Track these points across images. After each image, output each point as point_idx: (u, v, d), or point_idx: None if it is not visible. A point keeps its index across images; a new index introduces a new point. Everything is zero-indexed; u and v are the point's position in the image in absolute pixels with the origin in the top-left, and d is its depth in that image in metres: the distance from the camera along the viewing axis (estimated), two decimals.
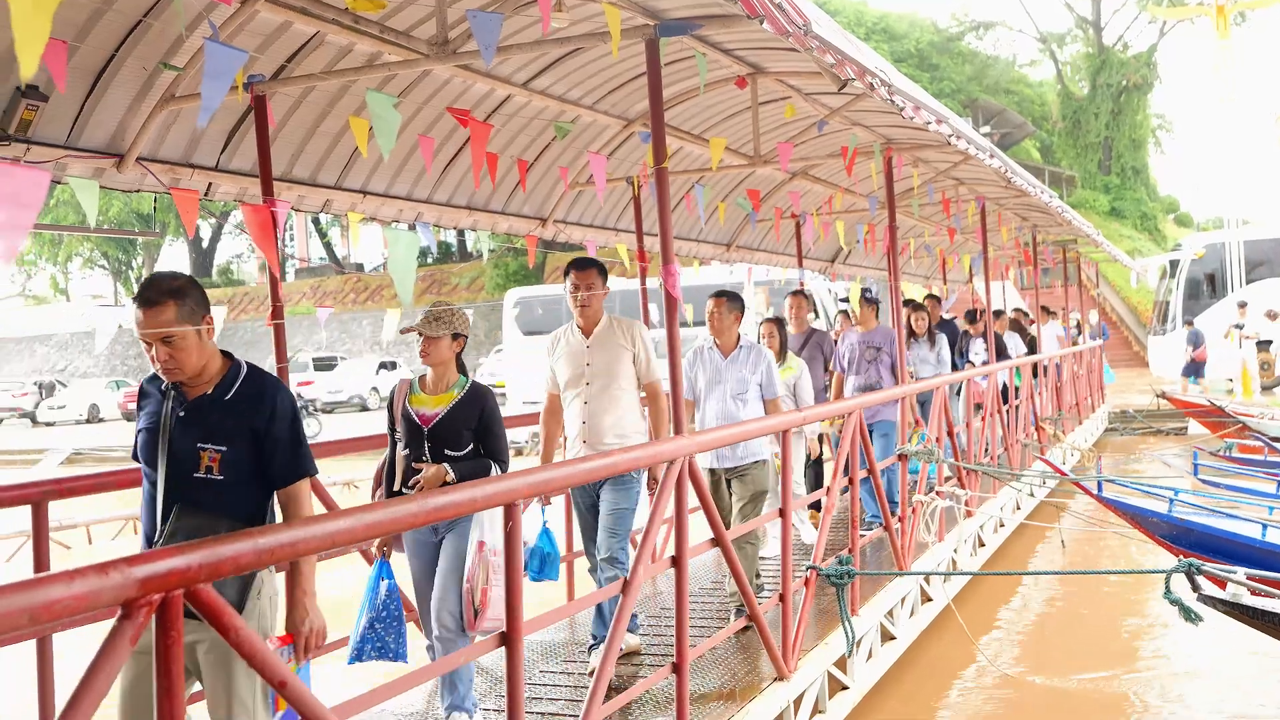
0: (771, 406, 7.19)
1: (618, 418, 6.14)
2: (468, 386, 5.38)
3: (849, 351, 9.79)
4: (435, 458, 5.27)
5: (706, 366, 7.28)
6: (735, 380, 7.15)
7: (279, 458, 3.70)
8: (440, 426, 5.30)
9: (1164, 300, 34.00)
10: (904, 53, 53.40)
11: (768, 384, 7.19)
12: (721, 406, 7.15)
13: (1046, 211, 14.04)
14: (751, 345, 7.29)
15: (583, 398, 6.17)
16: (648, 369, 6.23)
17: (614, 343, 6.18)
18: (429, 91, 7.09)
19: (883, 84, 5.81)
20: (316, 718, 2.92)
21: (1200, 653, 8.51)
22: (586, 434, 6.14)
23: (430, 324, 5.31)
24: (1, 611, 2.09)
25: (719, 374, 7.20)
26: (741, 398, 7.12)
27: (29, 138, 5.27)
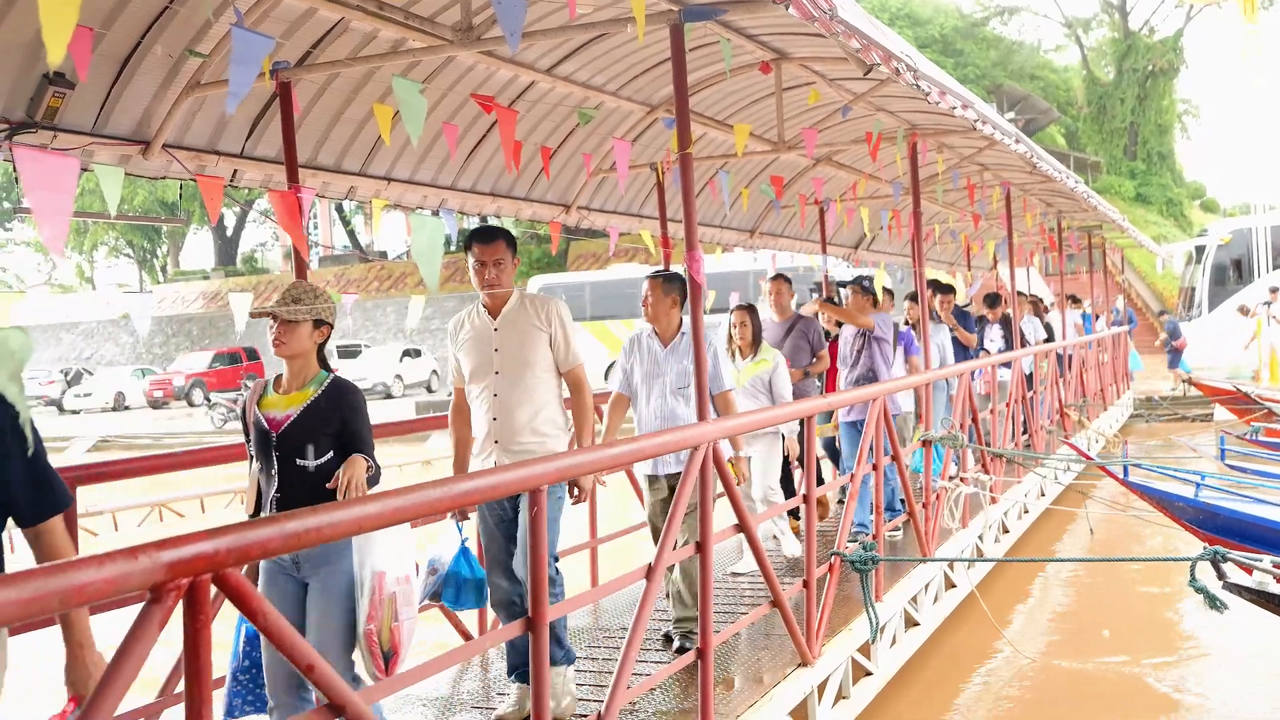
0: (721, 402, 6.38)
1: (533, 412, 5.24)
2: (327, 383, 4.46)
3: (843, 344, 9.16)
4: (284, 472, 4.35)
5: (644, 358, 6.43)
6: (676, 373, 6.30)
7: None
8: (291, 431, 4.36)
9: (1190, 286, 33.79)
10: (928, 38, 53.11)
11: (714, 375, 6.24)
12: (661, 404, 6.33)
13: (1072, 197, 13.97)
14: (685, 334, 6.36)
15: (492, 390, 5.26)
16: (568, 353, 5.32)
17: (527, 324, 5.26)
18: (453, 78, 7.10)
19: (908, 69, 5.78)
20: (342, 699, 2.93)
21: (1228, 639, 8.47)
22: (498, 433, 5.25)
23: (287, 305, 4.42)
24: (33, 595, 2.11)
25: (658, 366, 6.34)
26: (684, 393, 6.25)
27: (56, 125, 5.30)
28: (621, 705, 4.45)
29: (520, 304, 5.30)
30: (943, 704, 7.70)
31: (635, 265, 30.97)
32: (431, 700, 5.68)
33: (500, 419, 5.24)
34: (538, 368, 5.24)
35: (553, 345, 5.28)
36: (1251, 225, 32.18)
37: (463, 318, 5.47)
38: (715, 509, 5.50)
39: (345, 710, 2.93)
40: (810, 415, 6.48)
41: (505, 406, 5.23)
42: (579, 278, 35.35)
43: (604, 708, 4.30)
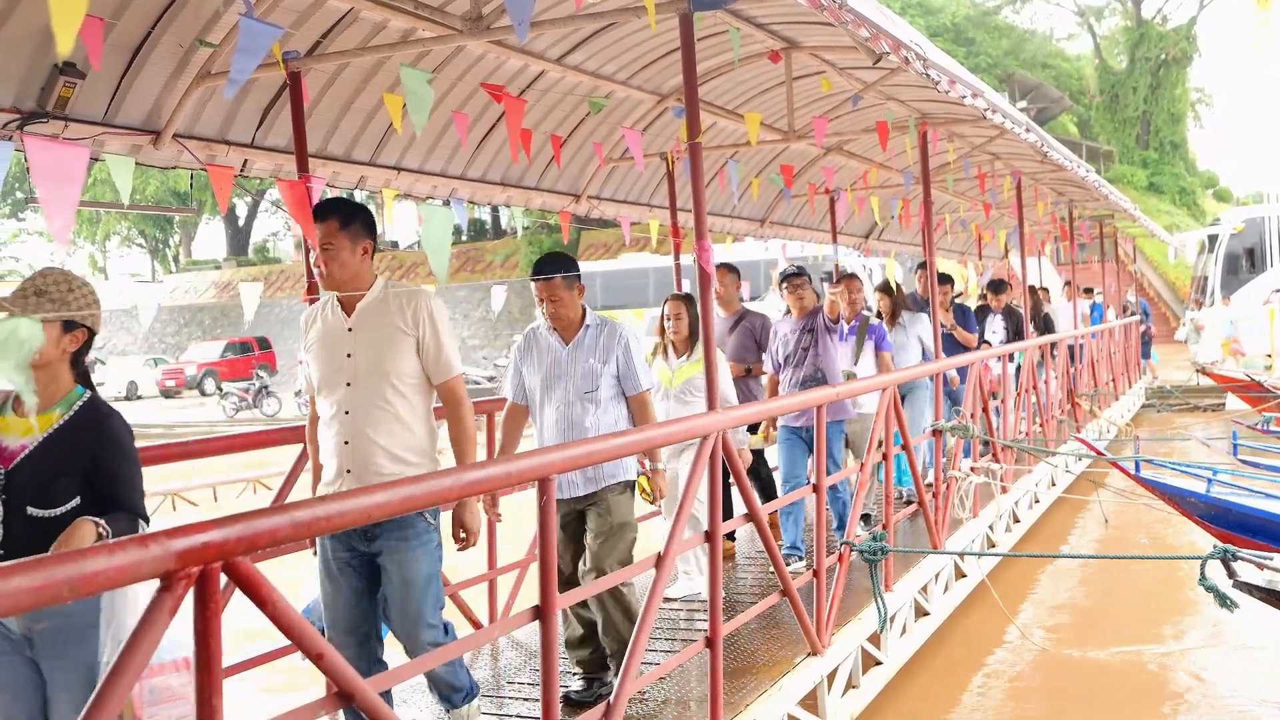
0: (638, 406, 5.42)
1: (394, 436, 4.29)
2: (79, 405, 3.53)
3: (781, 344, 8.04)
4: (10, 520, 3.40)
5: (541, 358, 5.43)
6: (582, 374, 5.32)
7: None
8: (23, 467, 3.43)
9: (1202, 275, 33.66)
10: (940, 27, 52.94)
11: (627, 373, 5.36)
12: (564, 411, 5.33)
13: (1083, 186, 13.93)
14: (602, 324, 5.44)
15: (343, 406, 4.31)
16: (439, 361, 4.35)
17: (388, 324, 4.31)
18: (463, 67, 7.10)
19: (918, 58, 5.77)
20: (350, 689, 2.95)
21: (1240, 632, 8.45)
22: (350, 460, 4.30)
23: (23, 301, 3.40)
24: (44, 582, 2.12)
25: (559, 367, 5.37)
26: (591, 397, 5.31)
27: (67, 114, 5.31)
28: (631, 694, 4.46)
29: (382, 298, 4.36)
30: (953, 693, 7.70)
31: (646, 255, 30.93)
32: None
33: (353, 443, 4.28)
34: (401, 379, 4.29)
35: (421, 351, 4.33)
36: (1265, 214, 32.03)
37: (315, 312, 4.53)
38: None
39: (354, 697, 2.95)
40: (820, 405, 6.45)
41: (358, 427, 4.28)
42: (590, 267, 35.31)
43: (613, 696, 4.31)
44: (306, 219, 5.66)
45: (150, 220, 62.42)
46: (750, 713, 5.19)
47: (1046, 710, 7.43)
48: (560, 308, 5.33)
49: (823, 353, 7.87)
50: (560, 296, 5.32)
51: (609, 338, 5.39)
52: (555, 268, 5.32)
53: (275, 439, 5.91)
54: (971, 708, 7.54)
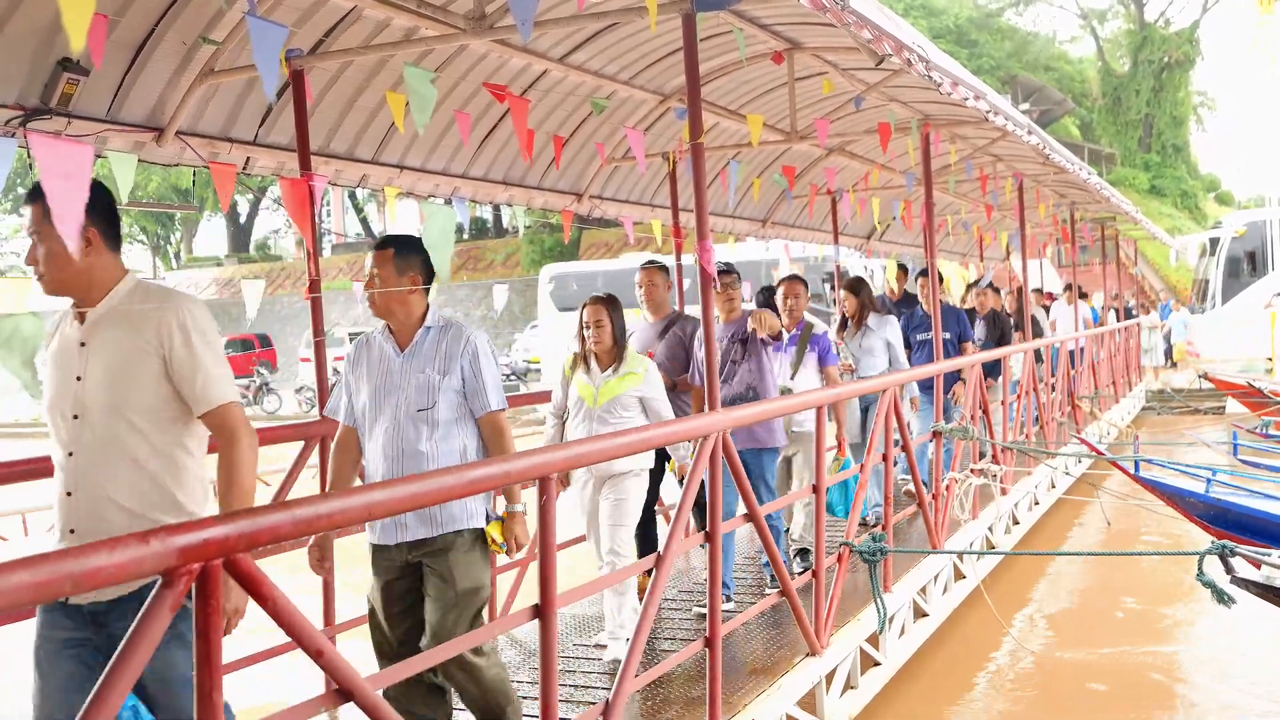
0: (490, 431, 4.41)
1: (128, 481, 3.29)
2: None
3: None
4: None
5: (373, 368, 4.45)
6: (417, 387, 4.34)
7: None
8: None
9: (1204, 278, 33.68)
10: (942, 28, 52.91)
11: (473, 388, 4.38)
12: (393, 435, 4.33)
13: (1085, 189, 13.93)
14: (446, 326, 4.47)
15: (67, 446, 3.33)
16: (203, 386, 3.34)
17: (126, 339, 3.32)
18: (465, 66, 7.11)
19: (920, 59, 5.77)
20: (350, 687, 2.95)
21: (1238, 633, 8.46)
22: (69, 514, 3.31)
23: None
24: (46, 579, 2.13)
25: (390, 379, 4.40)
26: (425, 417, 4.31)
27: (70, 111, 5.32)
28: (629, 694, 4.47)
29: (127, 303, 3.37)
30: (951, 694, 7.71)
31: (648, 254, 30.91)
32: None
33: (77, 492, 3.30)
34: (140, 413, 3.30)
35: (172, 371, 3.31)
36: (1266, 218, 32.04)
37: (58, 321, 3.53)
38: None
39: (354, 695, 2.96)
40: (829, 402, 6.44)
41: (82, 473, 3.30)
42: (592, 266, 35.27)
43: (611, 696, 4.32)
44: (307, 217, 5.68)
45: (151, 217, 62.41)
46: (748, 713, 5.19)
47: (1045, 711, 7.43)
48: (393, 302, 4.39)
49: (756, 367, 6.96)
50: (384, 275, 4.35)
51: (453, 342, 4.40)
52: (394, 242, 4.43)
53: (275, 436, 5.91)
54: (969, 709, 7.55)
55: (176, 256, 66.25)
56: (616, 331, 6.03)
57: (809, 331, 7.72)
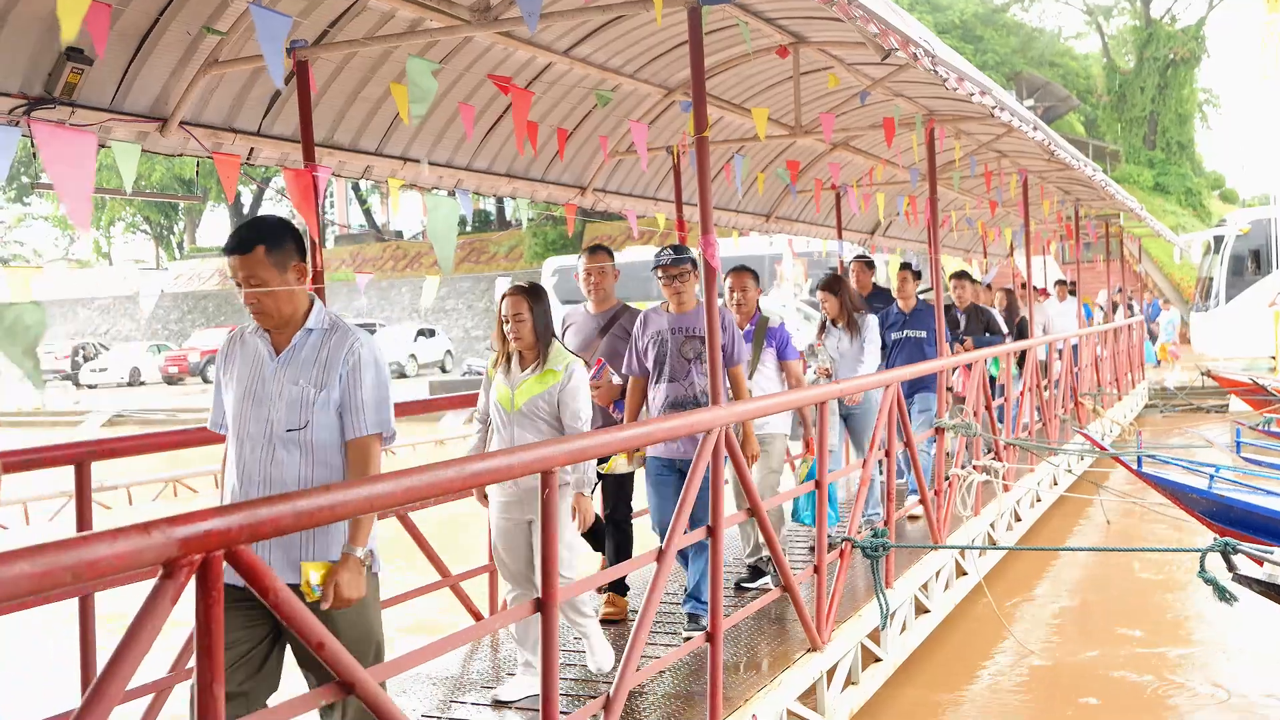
0: (356, 455, 3.73)
1: None
2: None
3: (655, 344, 6.21)
4: None
5: (244, 372, 3.80)
6: (288, 401, 3.69)
7: None
8: None
9: (1208, 276, 33.63)
10: (948, 24, 52.82)
11: (349, 404, 3.71)
12: (260, 457, 3.71)
13: (1090, 185, 13.90)
14: (333, 327, 3.80)
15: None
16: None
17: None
18: (470, 58, 7.09)
19: (926, 54, 5.75)
20: (352, 679, 2.95)
21: (1240, 631, 8.46)
22: None
23: None
24: (46, 569, 2.12)
25: (262, 387, 3.74)
26: (296, 439, 3.68)
27: (74, 100, 5.31)
28: (631, 688, 4.46)
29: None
30: (952, 690, 7.71)
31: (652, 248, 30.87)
32: (441, 680, 5.70)
33: None
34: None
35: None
36: (1271, 216, 31.98)
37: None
38: None
39: (355, 687, 2.95)
40: (824, 401, 6.42)
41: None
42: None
43: (613, 690, 4.31)
44: (311, 208, 5.67)
45: (155, 207, 62.46)
46: (749, 708, 5.19)
47: (1046, 708, 7.43)
48: (283, 302, 3.72)
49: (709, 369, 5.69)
50: (261, 275, 3.66)
51: (337, 347, 3.72)
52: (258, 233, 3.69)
53: None
54: (971, 705, 7.54)
55: (180, 246, 66.28)
56: (539, 326, 5.33)
57: (764, 325, 7.15)
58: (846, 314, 8.52)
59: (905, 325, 9.69)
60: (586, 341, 6.61)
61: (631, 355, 6.30)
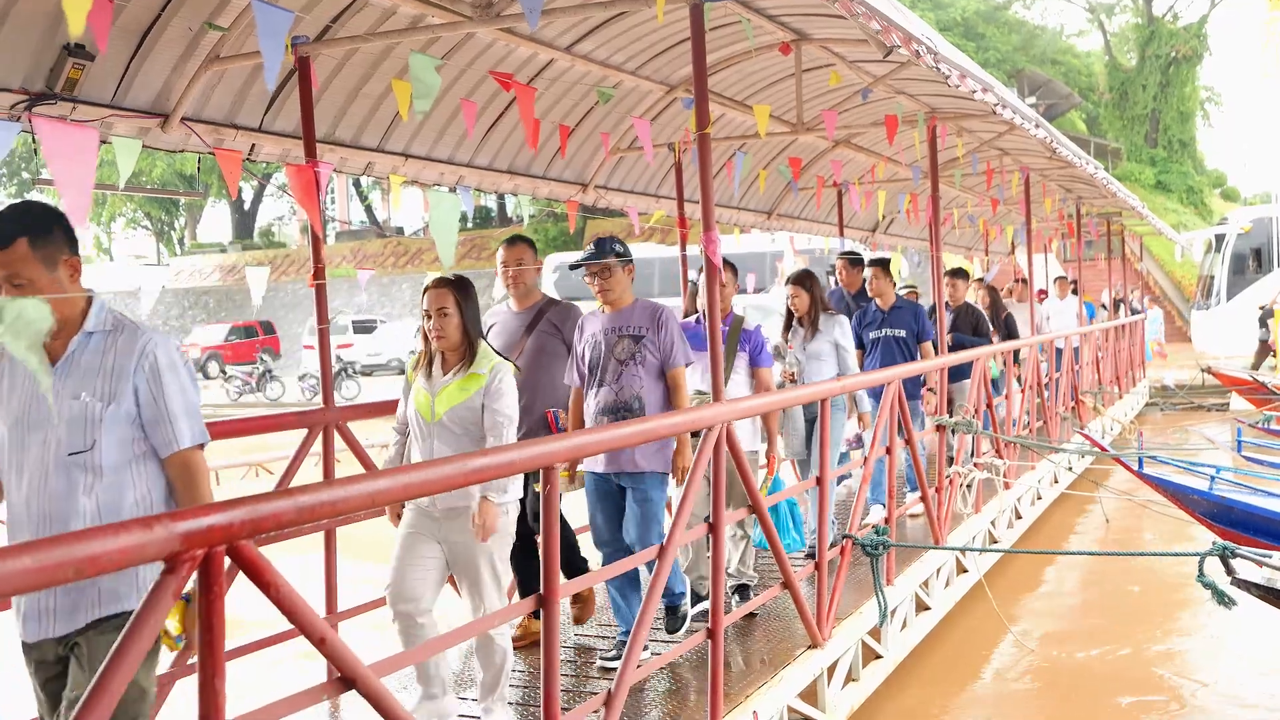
0: (177, 469, 3.26)
1: None
2: None
3: (590, 347, 5.67)
4: None
5: (14, 390, 3.25)
6: (71, 418, 3.16)
7: None
8: None
9: (1209, 275, 33.62)
10: (949, 21, 52.76)
11: (154, 417, 3.21)
12: (39, 487, 3.16)
13: (1091, 183, 13.90)
14: (118, 326, 3.29)
15: None
16: None
17: None
18: (472, 55, 7.09)
19: (929, 51, 5.75)
20: (353, 672, 2.95)
21: (1237, 630, 8.45)
22: None
23: None
24: (49, 563, 2.12)
25: (36, 405, 3.19)
26: (85, 462, 3.14)
27: (75, 96, 5.30)
28: (632, 684, 4.47)
29: None
30: (952, 688, 7.71)
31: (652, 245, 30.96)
32: None
33: None
34: None
35: None
36: (1272, 214, 31.98)
37: None
38: None
39: (356, 683, 2.95)
40: (825, 398, 6.41)
41: None
42: None
43: (614, 686, 4.31)
44: (313, 204, 5.67)
45: (156, 203, 62.42)
46: (750, 704, 5.19)
47: (1045, 706, 7.43)
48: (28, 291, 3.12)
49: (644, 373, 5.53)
50: (25, 274, 3.13)
51: (125, 351, 3.21)
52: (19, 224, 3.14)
53: (278, 423, 5.90)
54: (970, 702, 7.55)
55: (181, 243, 66.26)
56: (467, 322, 4.80)
57: (739, 326, 6.61)
58: (813, 313, 7.77)
59: (884, 324, 9.09)
60: (511, 342, 6.07)
61: (570, 363, 5.82)
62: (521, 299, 6.18)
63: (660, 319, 5.55)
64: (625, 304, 5.65)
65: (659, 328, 5.51)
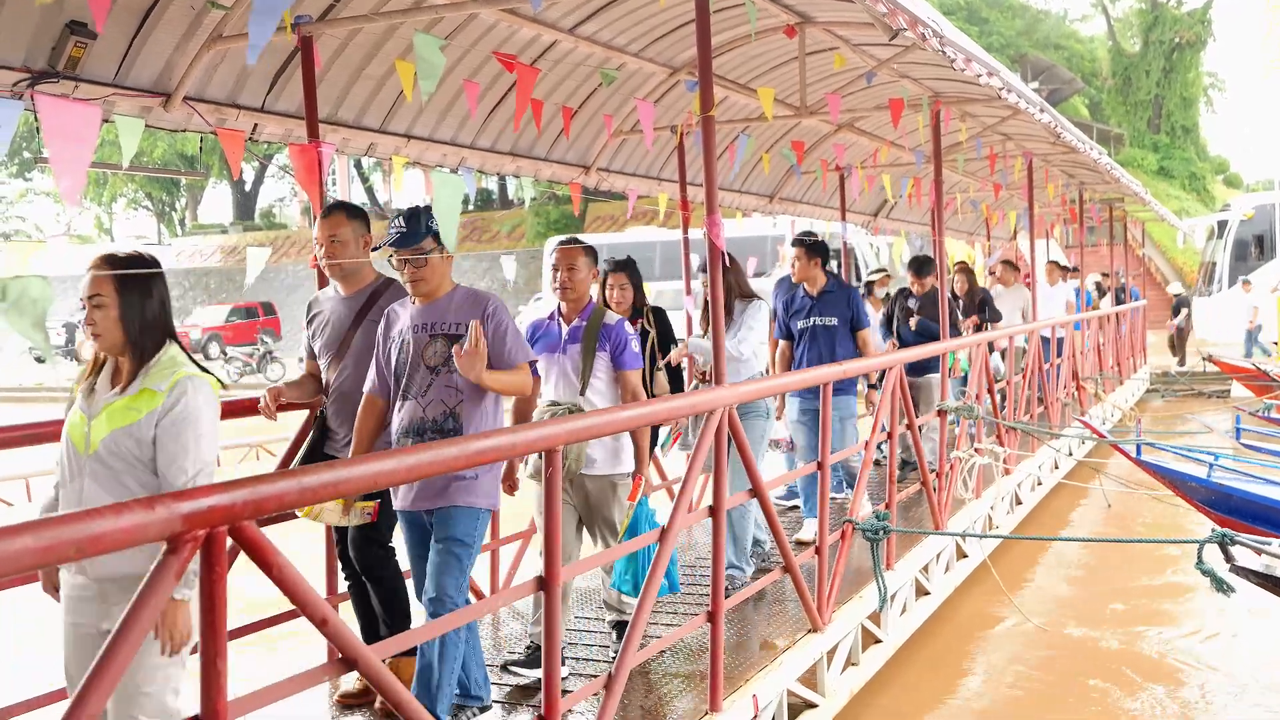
0: None
1: None
2: None
3: (396, 348, 4.63)
4: None
5: None
6: None
7: None
8: None
9: (1211, 261, 33.61)
10: (953, 5, 52.61)
11: None
12: None
13: (1094, 169, 13.88)
14: None
15: None
16: None
17: None
18: (475, 35, 7.06)
19: (934, 35, 5.73)
20: (354, 654, 2.95)
21: (1237, 612, 8.46)
22: None
23: None
24: (50, 544, 2.12)
25: None
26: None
27: (77, 75, 5.29)
28: (632, 666, 4.47)
29: None
30: (951, 672, 7.72)
31: (653, 228, 30.90)
32: None
33: None
34: None
35: None
36: (1275, 201, 31.97)
37: None
38: None
39: (357, 663, 2.95)
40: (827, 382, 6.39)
41: None
42: (596, 240, 35.23)
43: (614, 669, 4.32)
44: (315, 185, 5.65)
45: (157, 183, 62.34)
46: (750, 688, 5.20)
47: (1044, 691, 7.44)
48: None
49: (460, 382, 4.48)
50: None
51: None
52: None
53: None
54: (969, 687, 7.56)
55: (182, 223, 66.20)
56: (131, 317, 3.49)
57: (598, 320, 5.36)
58: (729, 300, 6.85)
59: (813, 311, 8.00)
60: (339, 335, 5.06)
61: (373, 364, 4.71)
62: (348, 282, 5.08)
63: (488, 311, 4.52)
64: (441, 293, 4.62)
65: (486, 321, 4.48)
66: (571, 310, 5.43)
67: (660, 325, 6.68)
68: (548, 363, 5.38)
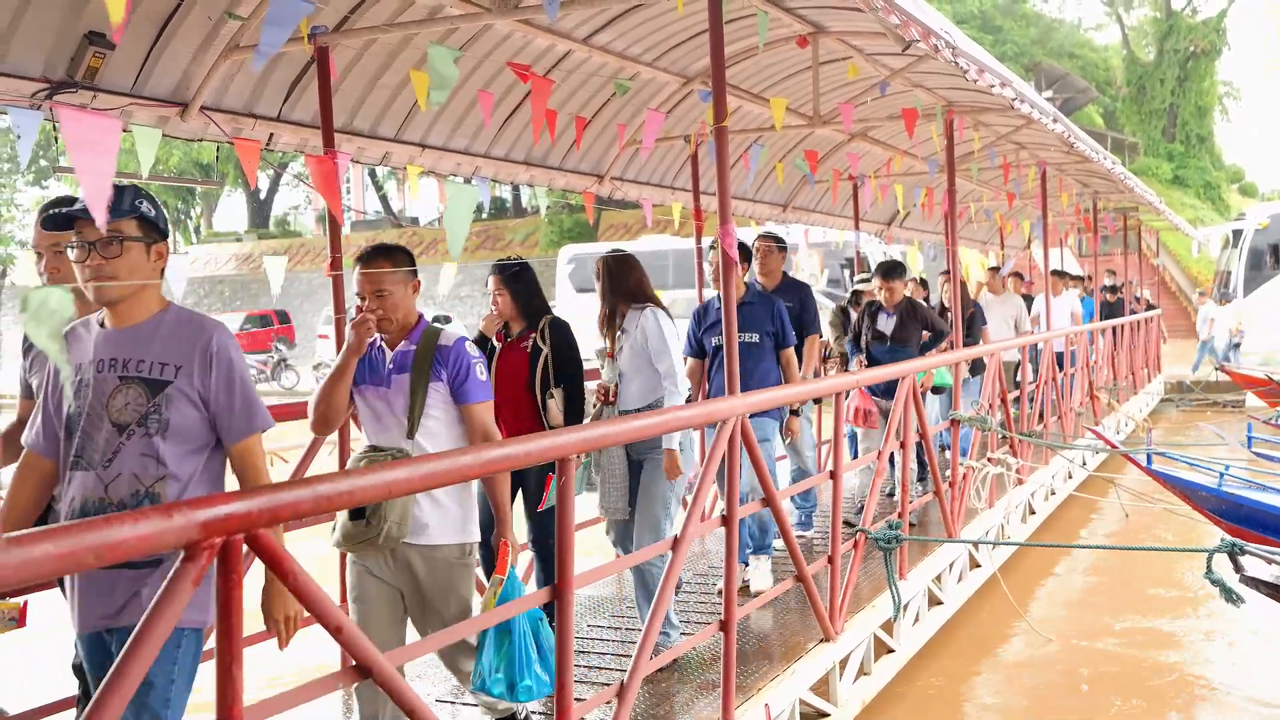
0: None
1: None
2: None
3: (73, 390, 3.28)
4: None
5: None
6: None
7: None
8: None
9: (1225, 270, 33.47)
10: (966, 14, 52.57)
11: None
12: None
13: (1108, 178, 13.86)
14: None
15: None
16: None
17: None
18: (490, 46, 7.09)
19: (947, 45, 5.74)
20: (368, 662, 2.96)
21: (1249, 624, 8.44)
22: None
23: None
24: (70, 550, 2.14)
25: None
26: None
27: (95, 85, 5.32)
28: (645, 675, 4.48)
29: None
30: (964, 682, 7.71)
31: (667, 236, 30.91)
32: None
33: None
34: None
35: None
36: None
37: None
38: None
39: (372, 671, 2.97)
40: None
41: None
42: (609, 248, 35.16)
43: (626, 678, 4.32)
44: (333, 193, 5.68)
45: (172, 191, 62.58)
46: (762, 697, 5.20)
47: (1056, 701, 7.43)
48: None
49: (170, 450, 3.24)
50: None
51: None
52: None
53: (293, 412, 5.90)
54: (982, 697, 7.55)
55: (197, 231, 66.45)
56: None
57: (431, 343, 4.23)
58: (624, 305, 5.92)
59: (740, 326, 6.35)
60: None
61: (38, 409, 3.42)
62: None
63: (212, 349, 3.27)
64: (144, 317, 3.31)
65: (209, 363, 3.27)
66: (395, 335, 4.25)
67: (557, 340, 5.63)
68: (369, 399, 4.25)
